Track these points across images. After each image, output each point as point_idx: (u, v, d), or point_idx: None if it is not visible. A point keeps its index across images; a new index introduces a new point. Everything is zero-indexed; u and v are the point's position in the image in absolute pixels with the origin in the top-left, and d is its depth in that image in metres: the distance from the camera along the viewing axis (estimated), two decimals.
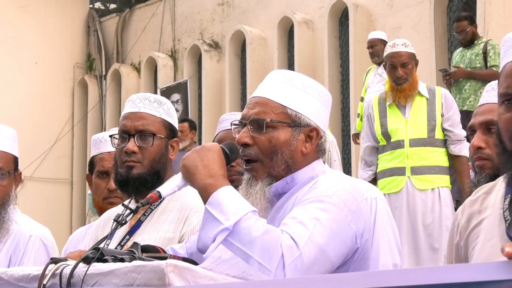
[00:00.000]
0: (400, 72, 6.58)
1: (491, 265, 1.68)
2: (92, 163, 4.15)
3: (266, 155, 2.66)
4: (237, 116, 3.65)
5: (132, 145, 3.28)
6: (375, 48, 9.73)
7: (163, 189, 2.63)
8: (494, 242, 2.32)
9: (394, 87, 6.62)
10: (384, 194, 6.45)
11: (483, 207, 2.43)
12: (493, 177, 2.97)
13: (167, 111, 3.37)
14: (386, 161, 6.62)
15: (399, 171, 6.55)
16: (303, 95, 2.71)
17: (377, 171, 6.73)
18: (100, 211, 3.99)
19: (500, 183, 2.47)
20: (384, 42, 9.70)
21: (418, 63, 6.82)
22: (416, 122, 6.54)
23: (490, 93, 3.25)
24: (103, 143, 4.10)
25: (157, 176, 3.28)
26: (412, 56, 6.71)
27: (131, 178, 3.27)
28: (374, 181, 6.70)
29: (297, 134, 2.68)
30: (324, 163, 2.78)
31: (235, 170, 3.55)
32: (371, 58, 9.92)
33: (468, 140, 4.48)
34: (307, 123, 2.69)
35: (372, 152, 6.76)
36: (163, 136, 3.33)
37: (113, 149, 3.79)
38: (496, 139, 2.35)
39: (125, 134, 3.31)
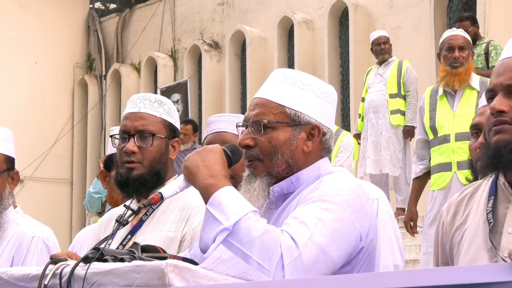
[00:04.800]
0: (457, 53, 6.49)
1: (493, 267, 1.70)
2: (111, 159, 4.20)
3: (267, 155, 2.64)
4: (224, 118, 3.66)
5: (131, 145, 3.29)
6: (386, 45, 9.52)
7: (165, 190, 2.64)
8: (478, 244, 2.32)
9: (448, 71, 6.48)
10: (433, 191, 6.41)
11: (467, 207, 2.43)
12: None
13: (167, 111, 3.38)
14: (434, 156, 6.48)
15: (446, 167, 6.41)
16: (303, 93, 2.68)
17: (430, 166, 6.57)
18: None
19: (485, 184, 2.46)
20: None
21: (473, 55, 6.74)
22: (463, 116, 6.38)
23: None
24: None
25: (157, 176, 3.30)
26: (469, 44, 6.63)
27: (131, 179, 3.29)
28: (428, 175, 6.57)
29: (297, 133, 2.66)
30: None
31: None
32: (378, 55, 9.54)
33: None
34: (308, 121, 2.66)
35: (424, 146, 6.60)
36: (163, 136, 3.34)
37: None
38: (484, 137, 2.31)
39: (125, 134, 3.33)
